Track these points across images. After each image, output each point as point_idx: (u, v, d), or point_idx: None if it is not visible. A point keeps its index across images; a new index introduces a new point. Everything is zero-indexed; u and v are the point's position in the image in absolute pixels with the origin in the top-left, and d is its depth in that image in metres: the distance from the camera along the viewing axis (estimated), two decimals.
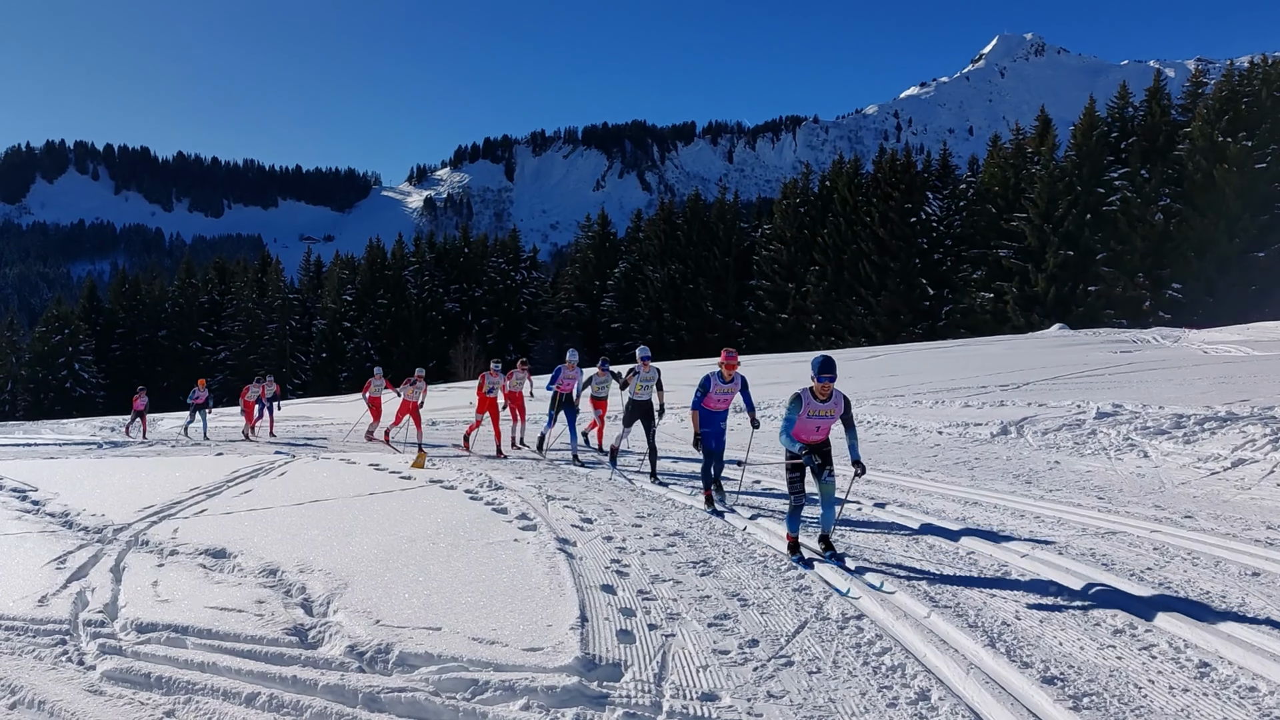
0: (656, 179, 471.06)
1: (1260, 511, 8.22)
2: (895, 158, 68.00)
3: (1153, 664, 4.79)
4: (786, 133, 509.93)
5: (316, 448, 19.78)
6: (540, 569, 6.83)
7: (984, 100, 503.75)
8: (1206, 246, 52.48)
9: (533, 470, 14.10)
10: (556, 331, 79.12)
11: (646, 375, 12.92)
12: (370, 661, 5.17)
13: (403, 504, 10.16)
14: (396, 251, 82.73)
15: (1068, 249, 55.93)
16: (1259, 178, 51.67)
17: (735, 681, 4.75)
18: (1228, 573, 6.29)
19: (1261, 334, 31.52)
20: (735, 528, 8.79)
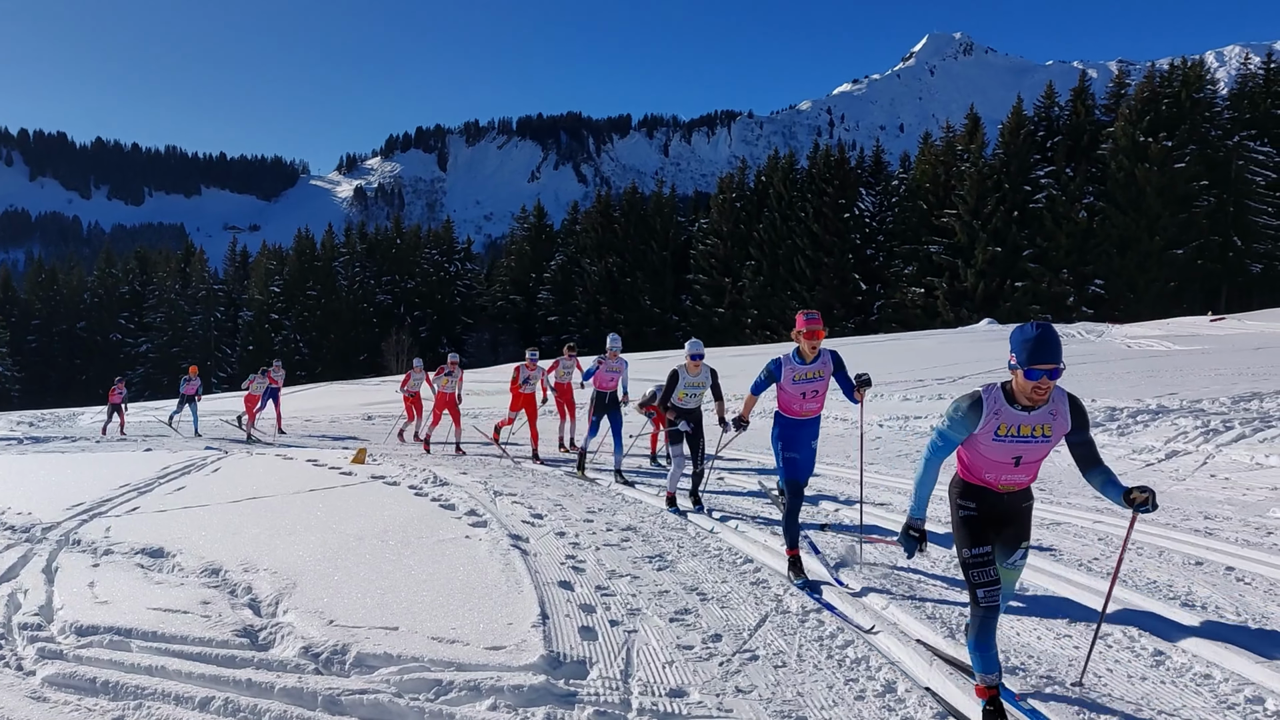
0: (592, 171, 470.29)
1: (1196, 502, 8.48)
2: (829, 154, 68.83)
3: (1109, 653, 4.89)
4: (722, 127, 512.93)
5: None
6: (495, 566, 6.73)
7: (915, 98, 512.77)
8: (1128, 244, 54.13)
9: (477, 465, 13.93)
10: (491, 325, 78.51)
11: (694, 378, 9.66)
12: (326, 663, 5.03)
13: (346, 501, 9.93)
14: (326, 242, 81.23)
15: (996, 245, 57.22)
16: (1178, 177, 53.43)
17: (702, 677, 4.73)
18: (1172, 562, 6.46)
19: (1180, 329, 32.62)
20: (687, 522, 8.79)
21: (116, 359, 77.71)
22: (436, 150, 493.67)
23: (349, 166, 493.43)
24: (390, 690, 4.60)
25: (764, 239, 66.87)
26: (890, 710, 4.30)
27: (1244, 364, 18.52)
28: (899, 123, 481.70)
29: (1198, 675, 4.50)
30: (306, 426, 24.49)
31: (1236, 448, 10.30)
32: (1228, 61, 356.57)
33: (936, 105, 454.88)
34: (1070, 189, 56.22)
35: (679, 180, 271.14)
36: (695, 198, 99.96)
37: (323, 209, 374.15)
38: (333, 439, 20.35)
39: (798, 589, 6.30)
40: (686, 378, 9.56)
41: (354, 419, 25.87)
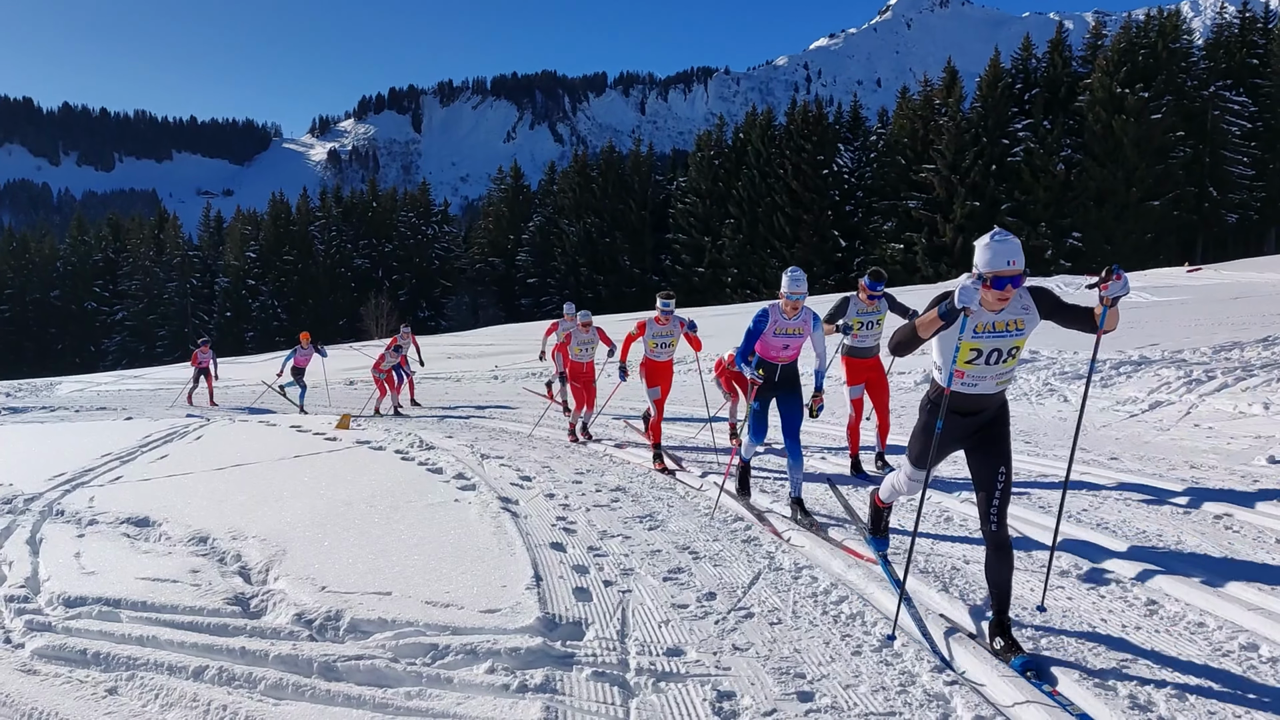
0: (568, 130, 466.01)
1: (1181, 451, 8.54)
2: (807, 110, 68.38)
3: (1102, 603, 4.92)
4: (698, 84, 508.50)
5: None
6: (486, 529, 6.70)
7: (891, 52, 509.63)
8: (1105, 196, 54.26)
9: (462, 429, 13.88)
10: (471, 287, 78.09)
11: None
12: (320, 630, 5.00)
13: (332, 466, 9.87)
14: (301, 206, 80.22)
15: (974, 200, 57.23)
16: (1155, 128, 53.49)
17: (699, 635, 4.72)
18: (1160, 512, 6.51)
19: (1158, 279, 32.80)
20: (676, 482, 8.78)
21: (92, 328, 76.84)
22: (410, 111, 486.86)
23: (322, 129, 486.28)
24: (386, 656, 4.57)
25: (743, 197, 66.56)
26: (888, 664, 4.31)
27: (1223, 314, 18.66)
28: (876, 77, 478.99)
29: (1191, 624, 4.54)
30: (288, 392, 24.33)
31: (1219, 397, 10.38)
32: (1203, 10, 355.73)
33: (914, 59, 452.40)
34: (1048, 142, 56.18)
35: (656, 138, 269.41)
36: (673, 156, 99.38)
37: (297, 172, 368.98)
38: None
39: (788, 545, 6.31)
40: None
41: (336, 384, 25.70)
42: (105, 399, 26.02)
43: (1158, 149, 53.70)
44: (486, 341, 41.79)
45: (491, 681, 4.23)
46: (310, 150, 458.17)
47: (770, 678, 4.19)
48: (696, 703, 3.98)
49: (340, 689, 4.31)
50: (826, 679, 4.16)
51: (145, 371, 46.61)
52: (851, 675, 4.19)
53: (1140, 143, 53.53)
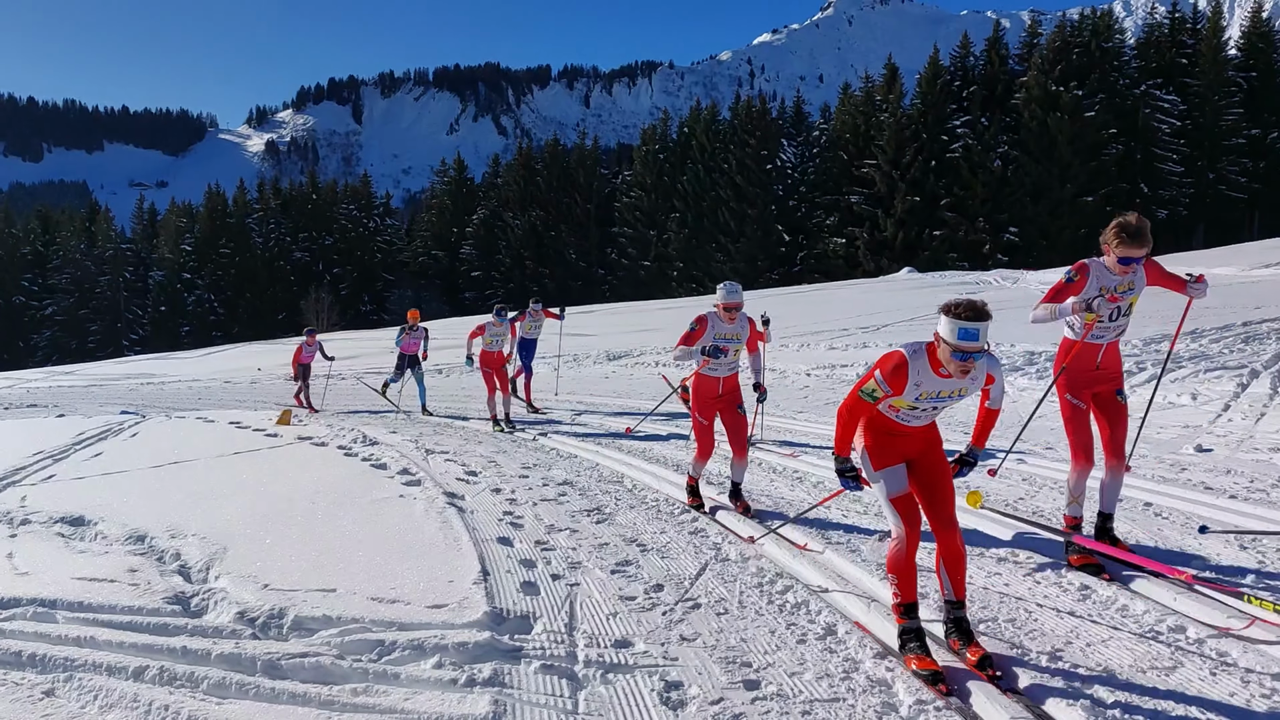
0: (512, 123, 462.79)
1: None
2: (751, 105, 68.81)
3: (1038, 589, 5.05)
4: (643, 78, 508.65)
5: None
6: (432, 524, 6.67)
7: (834, 48, 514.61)
8: (1041, 192, 55.45)
9: (407, 424, 13.77)
10: (414, 281, 77.29)
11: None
12: (264, 627, 4.94)
13: (273, 463, 9.74)
14: (238, 198, 78.73)
15: (915, 195, 58.09)
16: (1088, 125, 54.75)
17: (646, 627, 4.76)
18: (1092, 499, 6.68)
19: None
20: (623, 474, 8.81)
21: (20, 322, 74.59)
22: (351, 102, 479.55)
23: (259, 119, 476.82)
24: (332, 652, 4.53)
25: (688, 191, 66.78)
26: (831, 652, 4.38)
27: (1153, 307, 19.12)
28: (818, 73, 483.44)
29: (1122, 607, 4.68)
30: (228, 388, 23.90)
31: (1149, 388, 10.68)
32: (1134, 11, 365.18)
33: (855, 55, 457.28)
34: (985, 138, 57.25)
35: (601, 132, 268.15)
36: (618, 150, 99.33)
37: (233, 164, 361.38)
38: None
39: (737, 538, 6.38)
40: None
41: (275, 379, 25.31)
42: (36, 396, 25.34)
43: (1091, 146, 55.01)
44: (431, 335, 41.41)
45: (439, 676, 4.22)
46: (247, 141, 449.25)
47: (717, 667, 4.24)
48: (644, 693, 4.02)
49: (285, 687, 4.26)
50: (772, 667, 4.22)
51: (77, 368, 45.48)
52: (797, 663, 4.26)
53: (1074, 140, 54.79)
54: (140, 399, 22.66)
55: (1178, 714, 3.58)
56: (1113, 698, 3.69)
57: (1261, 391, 10.03)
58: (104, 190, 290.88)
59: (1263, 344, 12.70)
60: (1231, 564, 5.17)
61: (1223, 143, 57.31)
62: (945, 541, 4.29)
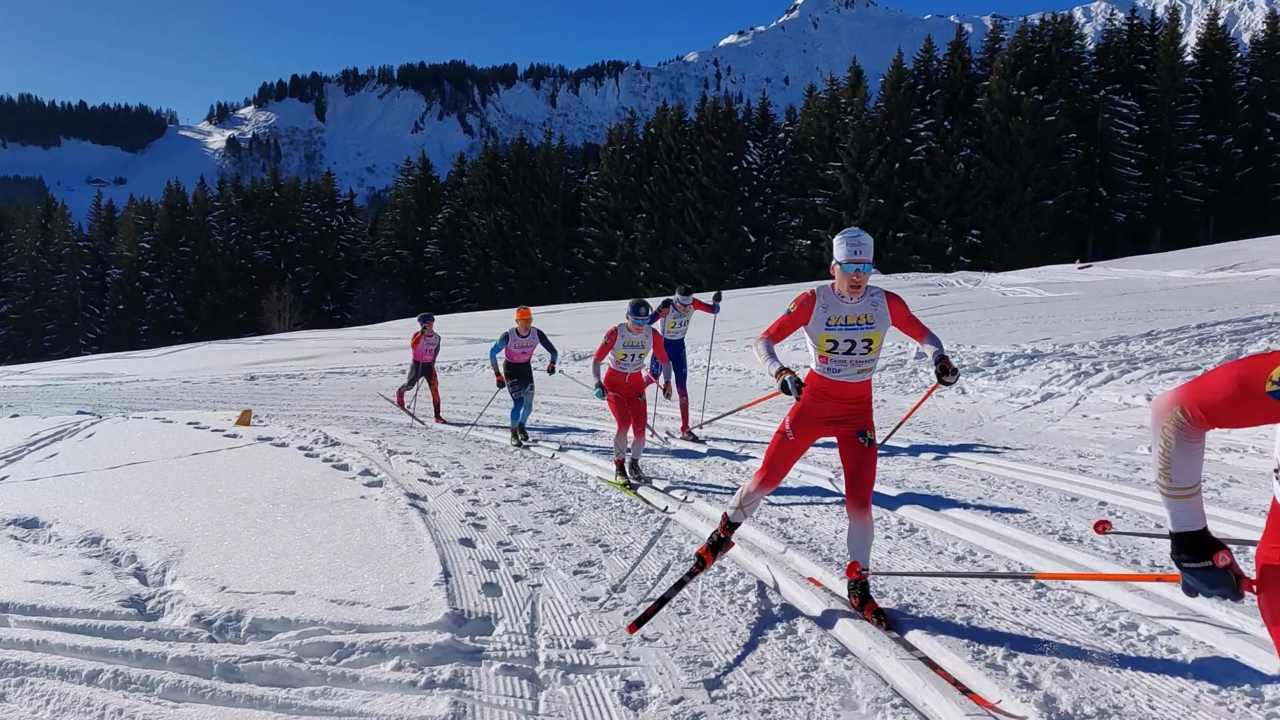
0: (478, 122, 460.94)
1: (1070, 441, 8.93)
2: (717, 106, 69.05)
3: (994, 587, 5.11)
4: (609, 78, 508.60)
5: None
6: (393, 526, 6.62)
7: (799, 50, 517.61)
8: (1002, 195, 56.18)
9: (368, 425, 13.66)
10: (378, 280, 76.73)
11: None
12: (220, 630, 4.87)
13: (232, 464, 9.61)
14: (199, 195, 77.67)
15: (879, 197, 58.61)
16: (1048, 130, 55.56)
17: (608, 627, 4.76)
18: (1049, 499, 6.79)
19: (1051, 276, 34.13)
20: (588, 475, 8.80)
21: None
22: (314, 99, 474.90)
23: (220, 116, 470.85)
24: (290, 655, 4.48)
25: (654, 191, 66.89)
26: (791, 650, 4.41)
27: (1110, 309, 19.51)
28: (784, 75, 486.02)
29: (1077, 605, 4.75)
30: (186, 389, 23.58)
31: (1105, 389, 10.87)
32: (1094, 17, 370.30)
33: (820, 58, 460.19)
34: (948, 141, 57.90)
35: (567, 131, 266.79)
36: (584, 149, 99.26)
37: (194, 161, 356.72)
38: None
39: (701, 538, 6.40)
40: None
41: (235, 380, 25.01)
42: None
43: (1051, 150, 55.83)
44: (394, 335, 41.12)
45: (398, 679, 4.19)
46: (208, 138, 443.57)
47: (678, 667, 4.25)
48: (605, 694, 4.02)
49: (242, 690, 4.21)
50: (733, 667, 4.24)
51: (32, 367, 44.64)
52: (757, 662, 4.28)
53: (1035, 144, 55.57)
54: (97, 399, 22.29)
55: (1129, 709, 3.64)
56: (1067, 694, 3.74)
57: None
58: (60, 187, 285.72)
59: (1216, 346, 12.95)
60: None
61: (1179, 148, 58.40)
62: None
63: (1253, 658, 3.95)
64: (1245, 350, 12.23)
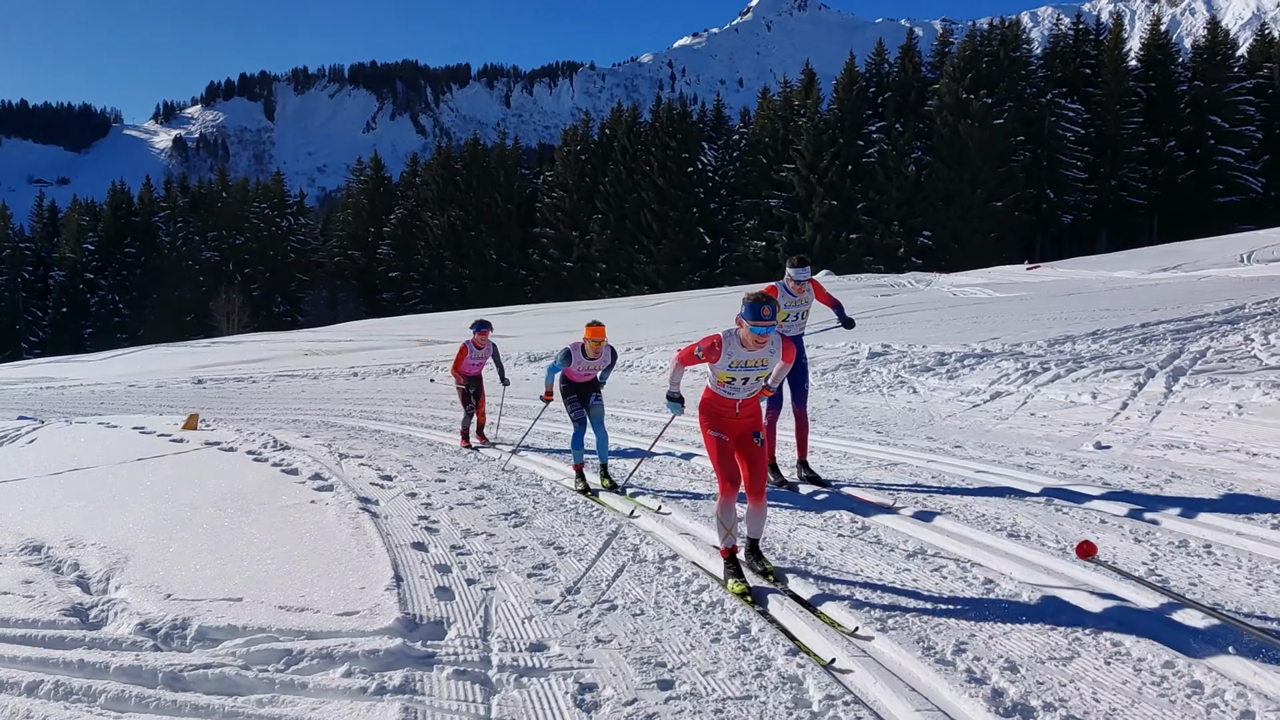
0: (431, 122, 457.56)
1: (1018, 439, 9.06)
2: (672, 108, 69.21)
3: (944, 583, 5.18)
4: (564, 79, 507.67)
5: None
6: (344, 530, 6.54)
7: (753, 52, 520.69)
8: (953, 196, 56.97)
9: (319, 428, 13.49)
10: (329, 281, 75.83)
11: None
12: (166, 639, 4.77)
13: (178, 469, 9.44)
14: (144, 196, 76.21)
15: (832, 199, 59.12)
16: (997, 132, 56.45)
17: (562, 630, 4.74)
18: (998, 496, 6.89)
19: (1001, 277, 34.66)
20: (543, 477, 8.77)
21: None
22: (263, 98, 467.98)
23: (167, 115, 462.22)
24: (237, 663, 4.41)
25: (610, 192, 66.87)
26: (745, 650, 4.42)
27: (1057, 309, 19.86)
28: (738, 77, 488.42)
29: (1024, 600, 4.82)
30: (132, 393, 23.11)
31: (1053, 387, 11.06)
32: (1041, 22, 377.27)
33: (774, 60, 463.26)
34: (900, 144, 58.58)
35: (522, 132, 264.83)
36: (539, 150, 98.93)
37: (139, 161, 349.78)
38: None
39: (654, 538, 6.40)
40: None
41: (182, 383, 24.57)
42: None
43: (1000, 153, 56.73)
44: (345, 337, 40.68)
45: (348, 685, 4.13)
46: (154, 138, 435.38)
47: (632, 668, 4.24)
48: (559, 696, 4.00)
49: (187, 699, 4.13)
50: (686, 667, 4.24)
51: None
52: (710, 662, 4.29)
53: (984, 146, 56.43)
54: (39, 403, 21.76)
55: (1075, 702, 3.70)
56: (1015, 688, 3.80)
57: (1157, 390, 10.44)
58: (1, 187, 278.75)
59: (1159, 344, 13.23)
60: (1126, 557, 5.37)
61: (1124, 151, 59.66)
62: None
63: (1194, 652, 4.05)
64: (1187, 349, 12.52)
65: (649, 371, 18.30)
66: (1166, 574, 5.00)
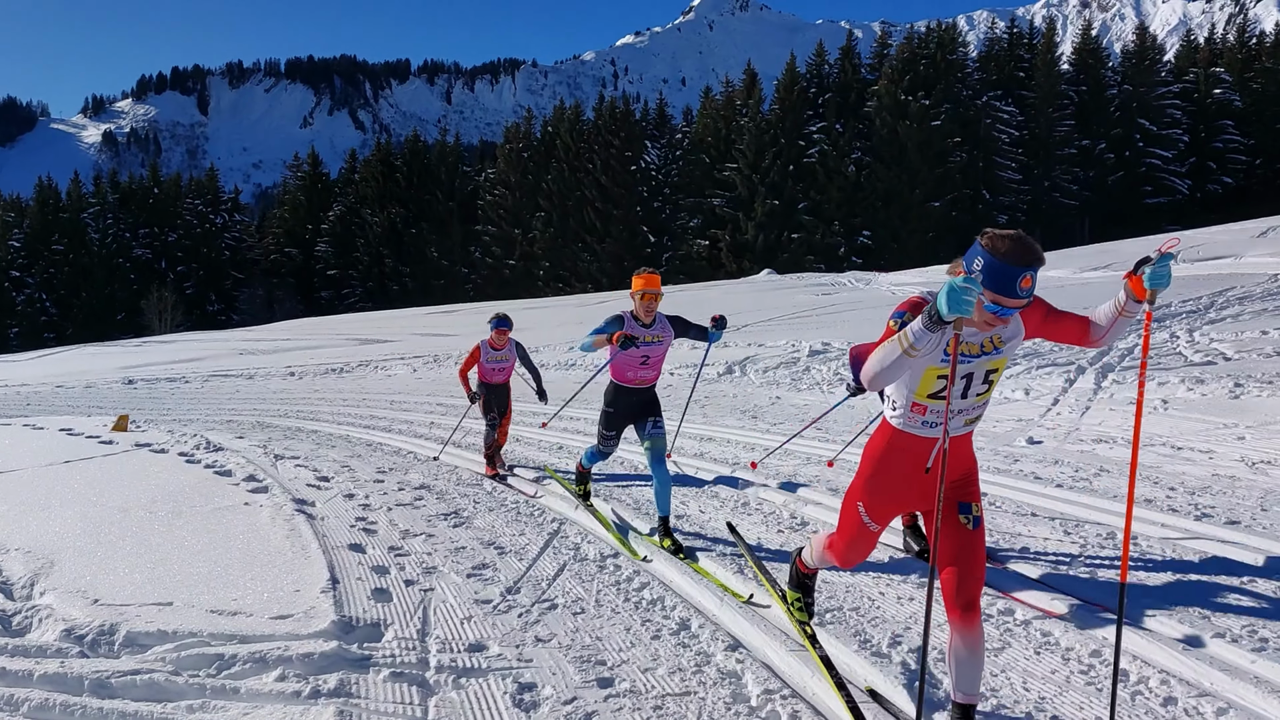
0: (370, 118, 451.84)
1: None
2: (615, 106, 69.17)
3: (881, 578, 5.25)
4: (506, 75, 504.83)
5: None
6: (279, 532, 6.42)
7: (695, 52, 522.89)
8: (892, 197, 57.80)
9: (254, 429, 13.24)
10: (265, 279, 74.45)
11: None
12: (93, 645, 4.64)
13: (106, 471, 9.17)
14: (73, 192, 74.03)
15: (774, 199, 59.60)
16: (935, 134, 57.40)
17: (501, 630, 4.71)
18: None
19: (938, 276, 35.20)
20: (482, 477, 8.71)
21: None
22: (196, 92, 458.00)
23: (96, 109, 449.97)
24: (166, 669, 4.30)
25: (553, 190, 66.63)
26: (685, 646, 4.44)
27: None
28: (681, 76, 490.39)
29: None
30: (59, 393, 22.44)
31: None
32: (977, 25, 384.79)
33: (716, 60, 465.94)
34: (840, 144, 59.27)
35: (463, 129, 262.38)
36: (481, 147, 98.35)
37: (67, 155, 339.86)
38: None
39: (596, 537, 6.39)
40: None
41: (113, 383, 23.92)
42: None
43: (937, 153, 57.70)
44: (282, 336, 39.98)
45: (281, 689, 4.06)
46: (83, 132, 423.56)
47: (572, 667, 4.23)
48: (497, 696, 3.97)
49: (114, 706, 4.01)
50: (626, 664, 4.24)
51: None
52: (650, 659, 4.29)
53: (922, 147, 57.35)
54: None
55: (1005, 692, 3.78)
56: (948, 679, 3.86)
57: (1087, 387, 10.71)
58: None
59: None
60: (1056, 550, 5.49)
61: (1056, 152, 61.07)
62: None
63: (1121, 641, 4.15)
64: (1116, 346, 12.84)
65: (590, 370, 18.27)
66: (1093, 566, 5.12)
